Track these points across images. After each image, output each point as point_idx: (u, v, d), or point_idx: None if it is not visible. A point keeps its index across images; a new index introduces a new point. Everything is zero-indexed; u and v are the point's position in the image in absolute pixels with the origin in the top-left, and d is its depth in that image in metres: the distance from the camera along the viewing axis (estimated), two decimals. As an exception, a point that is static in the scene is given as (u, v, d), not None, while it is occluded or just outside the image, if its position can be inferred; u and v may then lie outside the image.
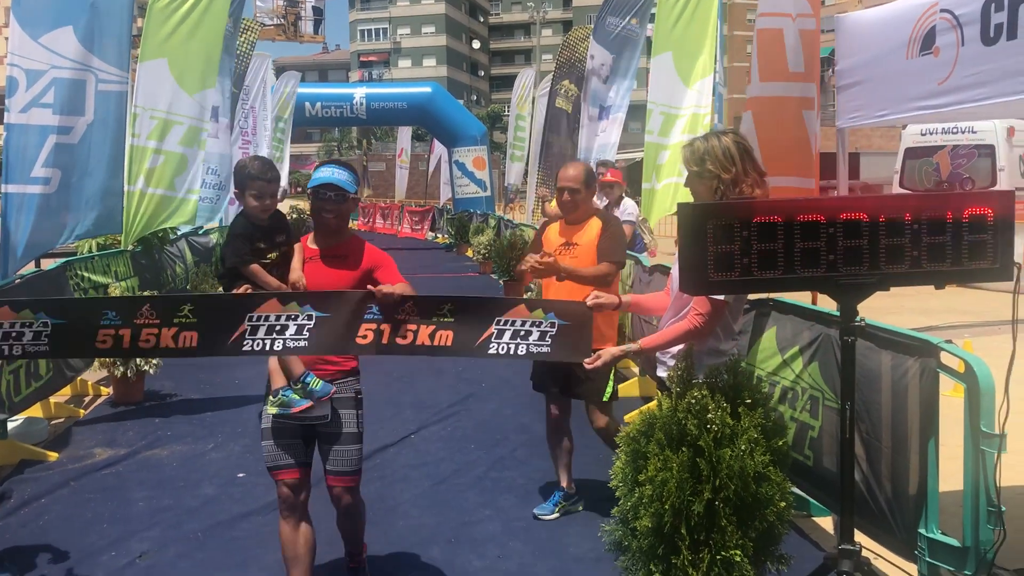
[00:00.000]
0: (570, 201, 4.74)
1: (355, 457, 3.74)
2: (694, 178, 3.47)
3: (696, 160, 3.43)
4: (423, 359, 9.13)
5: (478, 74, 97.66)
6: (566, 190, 4.74)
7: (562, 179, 4.79)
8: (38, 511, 5.08)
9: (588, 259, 4.65)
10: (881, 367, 3.67)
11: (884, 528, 3.68)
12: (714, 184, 3.39)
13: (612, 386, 4.81)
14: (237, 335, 3.34)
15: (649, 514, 2.85)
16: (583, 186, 4.74)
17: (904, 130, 18.34)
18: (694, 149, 3.46)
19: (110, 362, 7.29)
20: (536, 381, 5.03)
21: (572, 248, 4.76)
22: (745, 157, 3.40)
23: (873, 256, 2.88)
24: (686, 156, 3.48)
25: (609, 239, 4.71)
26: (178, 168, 9.51)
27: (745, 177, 3.38)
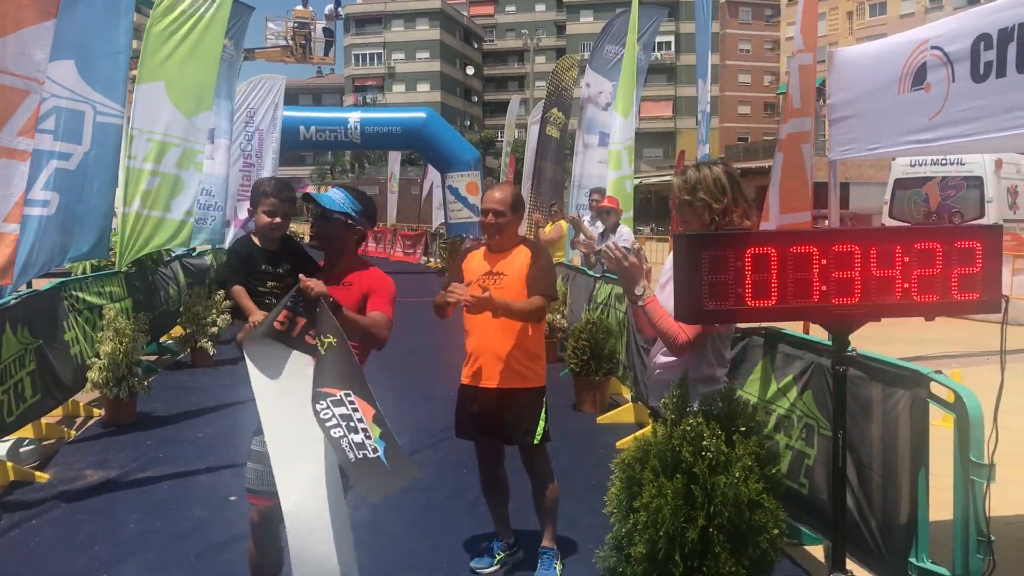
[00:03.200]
0: (494, 224, 4.40)
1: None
2: (685, 207, 3.49)
3: (688, 189, 3.46)
4: (418, 384, 9.10)
5: (472, 100, 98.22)
6: (491, 212, 4.40)
7: (487, 201, 4.46)
8: (29, 533, 5.06)
9: (516, 289, 4.33)
10: (872, 397, 3.71)
11: (875, 557, 3.70)
12: (705, 213, 3.43)
13: (543, 427, 4.46)
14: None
15: (643, 540, 2.87)
16: (509, 209, 4.40)
17: (894, 161, 18.55)
18: (686, 179, 3.48)
19: (102, 383, 7.28)
20: (460, 429, 4.64)
21: (498, 278, 4.39)
22: (735, 187, 3.45)
23: (865, 287, 2.94)
24: (678, 185, 3.50)
25: (540, 270, 4.38)
26: (174, 190, 9.57)
27: (735, 207, 3.42)
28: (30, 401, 6.20)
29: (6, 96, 5.56)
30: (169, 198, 9.51)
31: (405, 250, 31.71)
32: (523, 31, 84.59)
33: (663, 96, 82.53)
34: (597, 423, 7.70)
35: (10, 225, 5.66)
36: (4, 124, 5.55)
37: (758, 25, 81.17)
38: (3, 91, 5.57)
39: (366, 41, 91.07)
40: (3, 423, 5.81)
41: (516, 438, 4.46)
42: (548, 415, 4.51)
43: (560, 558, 4.57)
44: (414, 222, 38.21)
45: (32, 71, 5.67)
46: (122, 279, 9.08)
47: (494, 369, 4.38)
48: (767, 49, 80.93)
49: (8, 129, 5.55)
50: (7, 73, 5.54)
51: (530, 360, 4.44)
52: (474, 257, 4.58)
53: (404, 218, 40.39)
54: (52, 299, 7.17)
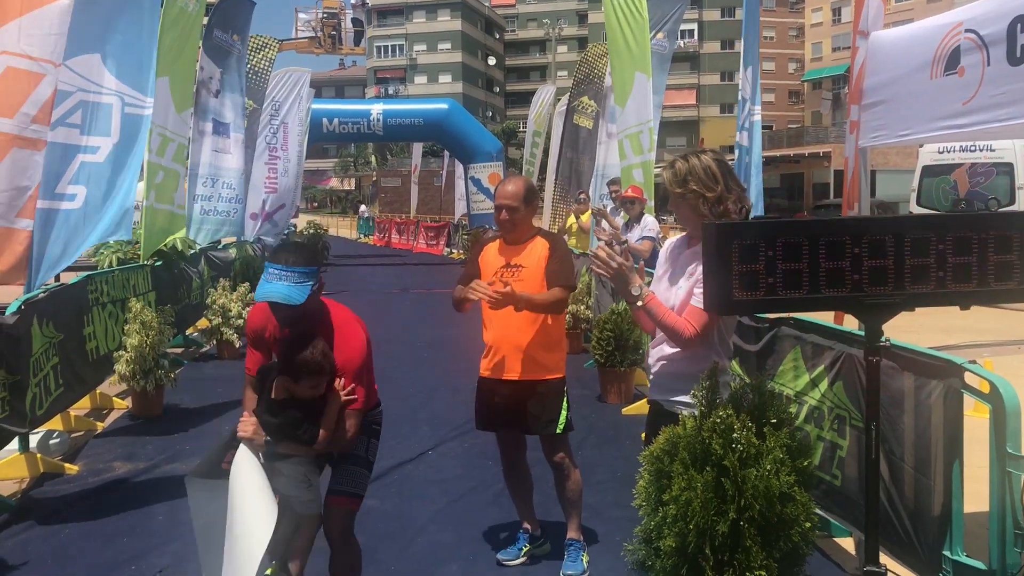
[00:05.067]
0: (508, 220, 4.35)
1: (362, 481, 3.61)
2: (678, 200, 3.38)
3: (679, 181, 3.35)
4: (442, 376, 9.12)
5: (493, 90, 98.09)
6: (504, 208, 4.34)
7: (499, 196, 4.38)
8: (58, 524, 5.10)
9: (535, 281, 4.30)
10: (905, 387, 3.66)
11: (908, 550, 3.65)
12: (699, 204, 3.31)
13: (566, 416, 4.43)
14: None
15: (673, 534, 2.83)
16: (522, 203, 4.34)
17: (922, 148, 18.31)
18: (676, 171, 3.36)
19: (129, 376, 7.33)
20: (481, 422, 4.60)
21: (516, 271, 4.36)
22: (726, 174, 3.34)
23: (898, 276, 2.88)
24: (668, 178, 3.38)
25: (559, 262, 4.34)
26: (174, 183, 9.68)
27: (728, 194, 3.31)
28: (55, 394, 6.24)
29: (20, 80, 5.41)
30: (172, 191, 9.64)
31: (428, 241, 31.74)
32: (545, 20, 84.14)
33: (686, 84, 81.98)
34: (622, 414, 7.66)
35: (23, 220, 5.58)
36: (17, 110, 5.41)
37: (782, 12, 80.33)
38: (16, 75, 5.40)
39: (388, 33, 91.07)
40: (34, 416, 5.85)
41: (538, 428, 4.43)
42: (571, 405, 4.49)
43: (587, 550, 4.54)
44: (436, 213, 38.25)
45: (47, 53, 5.54)
46: (147, 272, 9.13)
47: (514, 361, 4.35)
48: (792, 36, 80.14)
49: (22, 115, 5.41)
50: (19, 55, 5.37)
51: (550, 351, 4.41)
52: (490, 250, 4.54)
53: (426, 210, 40.47)
54: (79, 293, 7.21)
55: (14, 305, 5.77)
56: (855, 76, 4.91)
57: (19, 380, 5.58)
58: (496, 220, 4.46)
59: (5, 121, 5.50)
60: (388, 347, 11.01)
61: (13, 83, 5.41)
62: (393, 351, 10.74)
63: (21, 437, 5.86)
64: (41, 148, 5.62)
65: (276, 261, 3.28)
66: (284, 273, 3.24)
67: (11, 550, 4.70)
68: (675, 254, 3.53)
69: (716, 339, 3.37)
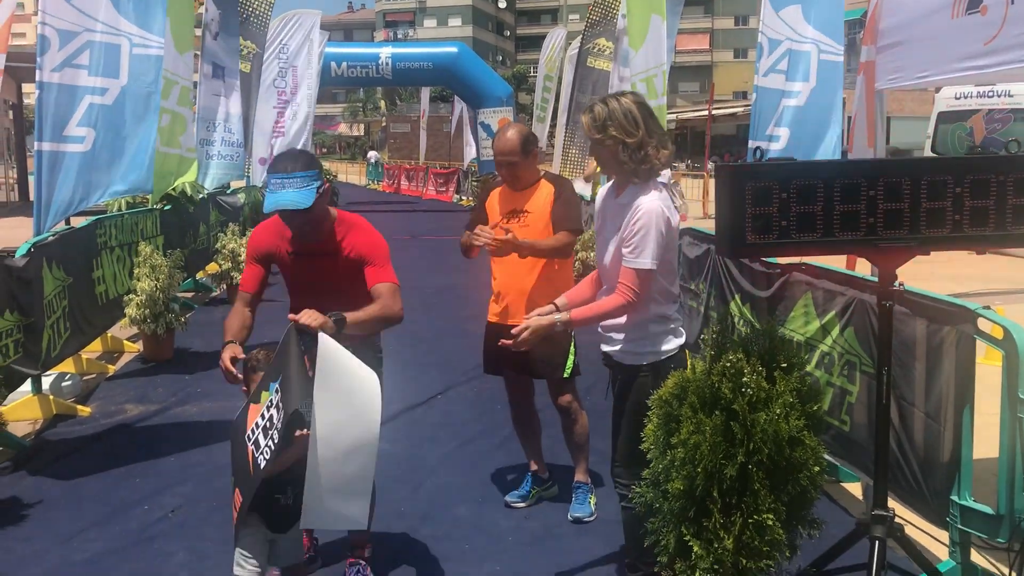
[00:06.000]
0: (509, 174, 4.35)
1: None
2: (597, 146, 3.26)
3: (597, 127, 3.22)
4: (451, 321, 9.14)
5: (504, 34, 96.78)
6: (504, 164, 4.32)
7: (496, 152, 4.35)
8: (73, 465, 5.16)
9: (541, 227, 4.29)
10: (917, 333, 3.63)
11: (916, 495, 3.65)
12: (619, 150, 3.19)
13: (573, 360, 4.43)
14: (251, 463, 3.02)
15: (681, 477, 2.84)
16: (520, 155, 4.28)
17: (937, 94, 18.00)
18: (595, 115, 3.23)
19: (140, 319, 7.36)
20: (489, 366, 4.64)
21: (522, 216, 4.35)
22: (648, 117, 3.20)
23: (914, 220, 2.84)
24: (587, 123, 3.26)
25: (564, 205, 4.30)
26: (181, 126, 9.56)
27: (650, 139, 3.18)
28: (64, 337, 6.27)
29: None
30: (179, 135, 9.53)
31: (437, 188, 31.60)
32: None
33: (700, 29, 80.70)
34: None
35: None
36: None
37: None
38: None
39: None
40: (48, 358, 5.88)
41: (546, 372, 4.44)
42: (579, 350, 4.48)
43: (594, 492, 4.57)
44: (445, 160, 38.03)
45: None
46: (156, 216, 9.12)
47: (521, 306, 4.33)
48: (807, -21, 78.53)
49: None
50: None
51: (556, 295, 4.38)
52: (496, 195, 4.52)
53: (435, 156, 40.20)
54: (88, 236, 7.21)
55: (23, 248, 5.77)
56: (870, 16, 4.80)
57: (33, 322, 5.61)
58: (498, 173, 4.44)
59: None
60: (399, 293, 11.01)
61: None
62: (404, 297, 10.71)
63: (34, 379, 5.90)
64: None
65: (276, 171, 3.28)
66: (287, 180, 3.24)
67: (26, 489, 4.77)
68: (604, 205, 3.43)
69: (654, 290, 3.27)
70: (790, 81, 6.81)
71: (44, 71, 6.24)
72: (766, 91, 6.85)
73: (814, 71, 6.77)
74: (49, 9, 6.27)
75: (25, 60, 14.04)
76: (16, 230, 6.13)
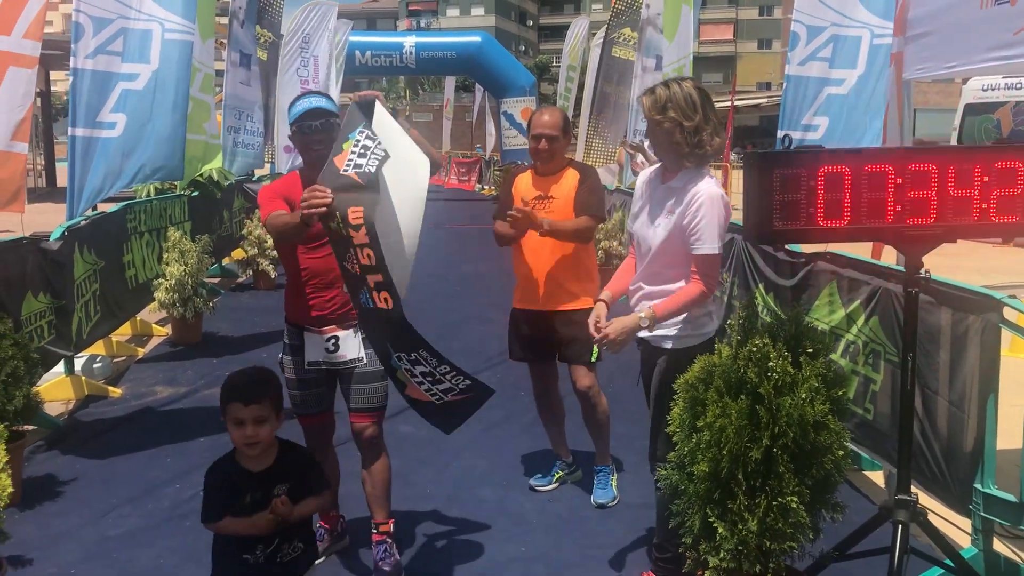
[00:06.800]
0: (547, 150, 4.33)
1: (382, 393, 3.71)
2: (654, 127, 3.30)
3: (658, 108, 3.26)
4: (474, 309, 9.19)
5: (526, 23, 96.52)
6: (543, 137, 4.31)
7: (538, 126, 4.34)
8: (105, 444, 5.27)
9: (565, 213, 4.30)
10: (942, 322, 3.65)
11: (938, 483, 3.68)
12: (676, 132, 3.23)
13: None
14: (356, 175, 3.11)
15: (706, 459, 2.89)
16: (560, 133, 4.32)
17: (964, 85, 17.84)
18: (656, 97, 3.27)
19: (169, 303, 7.47)
20: (514, 352, 4.66)
21: (547, 201, 4.38)
22: (706, 103, 3.26)
23: (941, 208, 2.86)
24: (647, 104, 3.30)
25: (588, 191, 4.33)
26: (205, 113, 9.63)
27: (706, 125, 3.23)
28: (94, 319, 6.40)
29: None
30: (202, 122, 9.59)
31: (460, 177, 31.66)
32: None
33: (724, 19, 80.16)
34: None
35: (19, 144, 5.54)
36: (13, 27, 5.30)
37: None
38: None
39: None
40: (79, 340, 6.01)
41: (572, 357, 4.46)
42: None
43: (615, 475, 4.62)
44: (468, 149, 38.07)
45: None
46: (184, 202, 9.23)
47: (545, 291, 4.38)
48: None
49: (17, 32, 5.31)
50: None
51: (580, 280, 4.41)
52: (522, 180, 4.53)
53: (459, 145, 40.24)
54: (118, 221, 7.33)
55: (57, 231, 5.89)
56: (899, 6, 4.80)
57: (64, 304, 5.73)
58: (533, 150, 4.41)
59: (2, 39, 5.45)
60: (422, 280, 11.04)
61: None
62: (427, 284, 10.83)
63: (67, 360, 6.02)
64: (32, 67, 5.56)
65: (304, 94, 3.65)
66: (314, 96, 3.59)
67: (61, 467, 4.88)
68: (650, 189, 3.46)
69: None
70: (835, 68, 6.69)
71: (78, 58, 6.33)
72: (801, 79, 6.77)
73: (863, 57, 6.62)
74: (84, -4, 6.36)
75: (53, 48, 14.18)
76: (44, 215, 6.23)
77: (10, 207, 5.53)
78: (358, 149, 3.18)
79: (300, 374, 3.73)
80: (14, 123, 5.45)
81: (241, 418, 2.83)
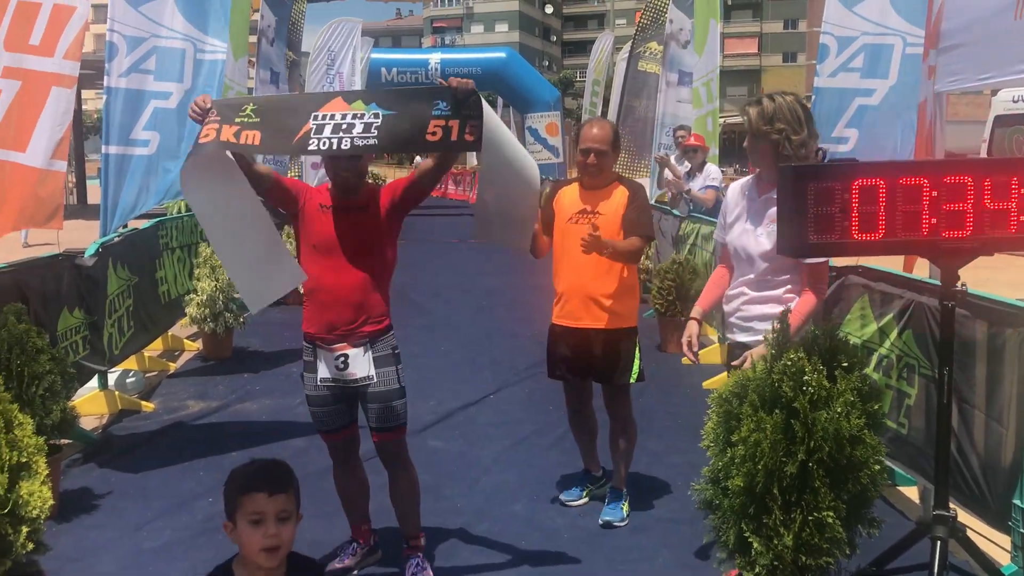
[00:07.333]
0: (595, 164, 4.24)
1: (399, 412, 3.70)
2: (759, 139, 3.37)
3: (766, 119, 3.33)
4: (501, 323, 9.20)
5: (550, 39, 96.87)
6: (592, 151, 4.22)
7: (587, 139, 4.24)
8: (139, 458, 5.32)
9: (611, 230, 4.18)
10: (977, 335, 3.61)
11: (975, 498, 3.64)
12: (783, 144, 3.31)
13: (639, 366, 4.39)
14: (302, 134, 3.27)
15: (741, 474, 2.87)
16: (610, 147, 4.25)
17: (994, 97, 17.68)
18: (763, 108, 3.35)
19: (200, 318, 7.54)
20: (553, 370, 4.57)
21: (593, 216, 4.23)
22: (809, 119, 3.36)
23: (977, 220, 2.84)
24: (753, 115, 3.36)
25: (637, 210, 4.23)
26: None
27: (810, 139, 3.33)
28: (127, 335, 6.47)
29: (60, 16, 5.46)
30: None
31: (484, 192, 31.64)
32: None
33: (748, 33, 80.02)
34: (682, 363, 7.66)
35: (58, 163, 5.66)
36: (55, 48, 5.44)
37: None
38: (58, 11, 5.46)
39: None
40: (111, 355, 6.08)
41: (613, 378, 4.40)
42: (643, 356, 4.47)
43: (628, 500, 4.52)
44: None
45: None
46: (215, 218, 9.32)
47: (587, 309, 4.30)
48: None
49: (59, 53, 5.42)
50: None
51: (622, 299, 4.34)
52: (567, 194, 4.43)
53: (482, 160, 40.28)
54: (151, 238, 7.42)
55: (92, 248, 5.97)
56: (933, 19, 4.77)
57: (96, 320, 5.80)
58: (581, 164, 4.32)
59: (47, 60, 5.56)
60: (449, 294, 11.15)
61: (56, 20, 5.52)
62: (453, 298, 10.88)
63: (100, 375, 6.09)
64: (71, 86, 5.68)
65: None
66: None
67: (96, 481, 4.93)
68: (748, 198, 3.53)
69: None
70: (866, 78, 6.60)
71: (112, 76, 6.43)
72: (831, 92, 6.71)
73: (895, 66, 6.52)
74: (118, 16, 6.47)
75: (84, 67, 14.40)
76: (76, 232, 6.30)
77: (49, 224, 5.62)
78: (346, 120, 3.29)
79: (315, 391, 3.72)
80: (55, 142, 5.55)
81: (262, 513, 2.32)
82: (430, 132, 3.27)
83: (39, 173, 5.56)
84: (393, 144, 3.34)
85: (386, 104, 3.31)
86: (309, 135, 3.27)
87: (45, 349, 4.41)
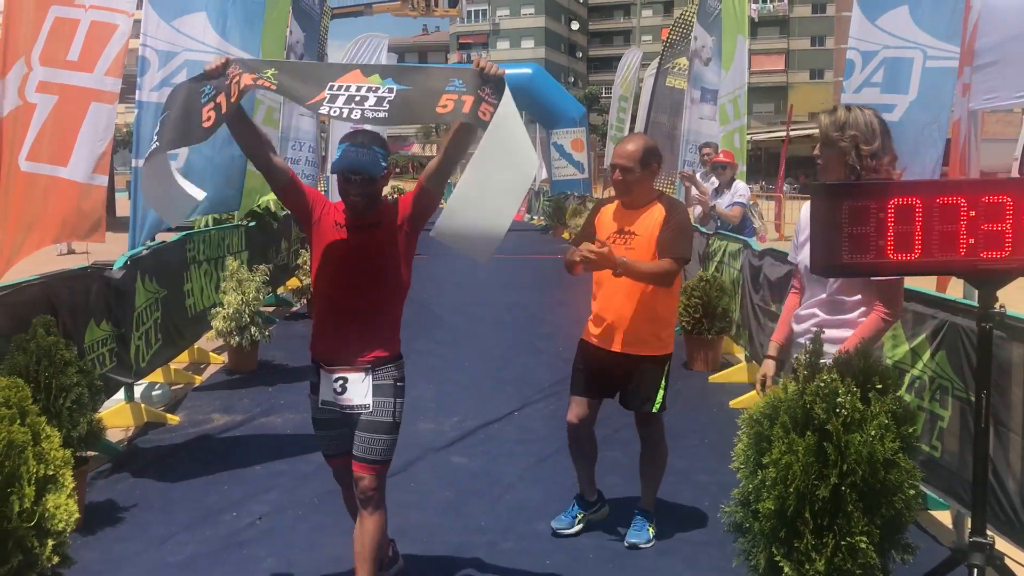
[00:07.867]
0: (620, 181, 4.14)
1: (384, 447, 3.48)
2: (829, 148, 3.32)
3: (836, 126, 3.29)
4: (523, 338, 9.16)
5: (576, 55, 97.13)
6: (617, 167, 4.13)
7: (615, 155, 4.18)
8: (163, 470, 5.33)
9: (646, 250, 4.07)
10: (1014, 357, 3.54)
11: (1012, 525, 3.55)
12: (851, 155, 3.26)
13: (663, 396, 4.25)
14: (316, 99, 3.32)
15: (772, 497, 2.82)
16: (638, 164, 4.11)
17: (1025, 115, 17.50)
18: (836, 117, 3.31)
19: (226, 332, 7.57)
20: (578, 386, 4.39)
21: (629, 237, 4.14)
22: (885, 135, 3.29)
23: (1016, 240, 2.78)
24: (825, 123, 3.32)
25: (672, 230, 4.07)
26: None
27: (883, 153, 3.26)
28: (154, 347, 6.50)
29: (101, 32, 5.52)
30: None
31: (509, 207, 31.66)
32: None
33: (775, 49, 79.83)
34: (709, 382, 7.60)
35: (100, 177, 5.69)
36: (96, 64, 5.49)
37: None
38: (97, 27, 5.50)
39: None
40: (138, 368, 6.11)
41: (634, 404, 4.32)
42: (669, 386, 4.33)
43: (654, 523, 4.42)
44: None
45: (121, 4, 5.66)
46: (242, 232, 9.38)
47: (618, 332, 4.20)
48: None
49: (99, 69, 5.48)
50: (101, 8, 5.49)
51: (656, 326, 4.22)
52: (607, 212, 4.33)
53: (508, 175, 40.30)
54: (178, 251, 7.47)
55: (120, 261, 6.02)
56: (967, 37, 4.71)
57: (123, 332, 5.83)
58: (612, 180, 4.25)
59: (86, 76, 5.61)
60: (471, 309, 11.14)
61: (95, 37, 5.58)
62: (476, 312, 10.87)
63: (127, 388, 6.12)
64: (112, 102, 5.74)
65: (352, 141, 3.40)
66: (360, 149, 3.37)
67: (121, 493, 4.94)
68: None
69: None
70: (886, 93, 6.46)
71: (143, 91, 6.49)
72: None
73: (915, 80, 6.36)
74: (151, 31, 6.54)
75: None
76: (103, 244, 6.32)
77: (91, 237, 5.69)
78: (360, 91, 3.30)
79: (317, 413, 3.60)
80: (96, 156, 5.61)
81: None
82: (441, 105, 3.25)
83: (81, 187, 5.63)
84: (403, 116, 3.31)
85: (403, 80, 3.33)
86: (322, 102, 3.31)
87: (73, 361, 4.43)
